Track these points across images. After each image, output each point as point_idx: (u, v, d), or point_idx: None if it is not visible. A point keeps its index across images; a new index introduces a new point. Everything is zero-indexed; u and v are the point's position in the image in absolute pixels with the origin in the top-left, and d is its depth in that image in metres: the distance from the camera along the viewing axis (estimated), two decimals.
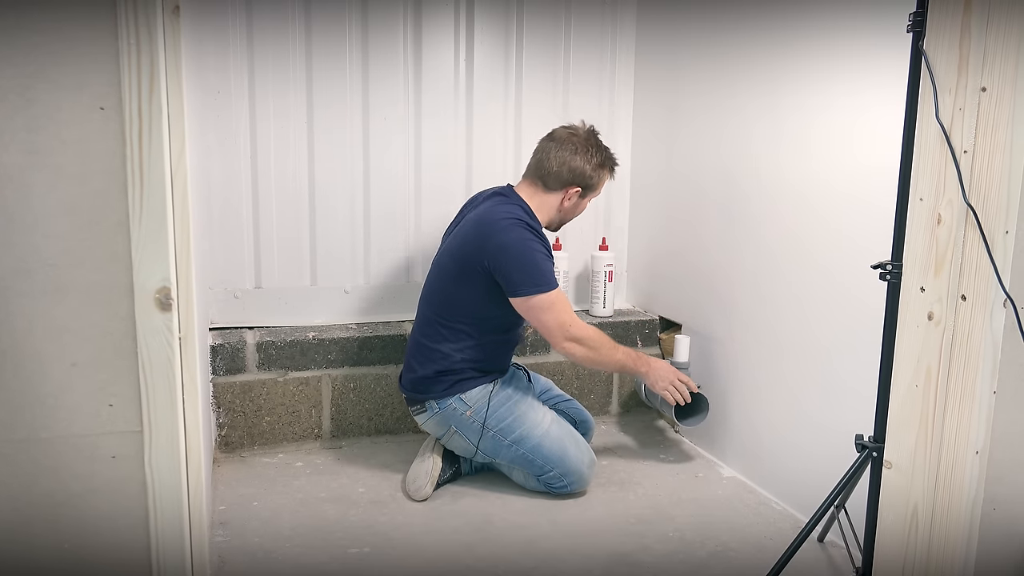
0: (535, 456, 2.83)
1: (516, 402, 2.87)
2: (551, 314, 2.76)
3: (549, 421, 2.89)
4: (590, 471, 2.90)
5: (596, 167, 2.90)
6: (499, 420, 2.83)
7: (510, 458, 2.87)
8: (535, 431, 2.84)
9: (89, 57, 1.31)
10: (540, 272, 2.75)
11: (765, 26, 2.82)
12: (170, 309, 1.38)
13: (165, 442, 1.42)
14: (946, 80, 1.76)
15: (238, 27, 3.17)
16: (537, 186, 2.92)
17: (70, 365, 1.37)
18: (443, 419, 2.87)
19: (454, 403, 2.84)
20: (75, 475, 1.40)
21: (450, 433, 2.89)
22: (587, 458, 2.90)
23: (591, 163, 2.89)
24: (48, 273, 1.34)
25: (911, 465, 1.89)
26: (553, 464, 2.83)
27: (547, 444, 2.83)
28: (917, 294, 1.85)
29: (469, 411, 2.84)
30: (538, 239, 2.80)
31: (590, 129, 2.95)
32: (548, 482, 2.86)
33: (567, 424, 2.97)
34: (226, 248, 3.28)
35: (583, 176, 2.88)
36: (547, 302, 2.75)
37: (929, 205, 1.81)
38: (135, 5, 1.30)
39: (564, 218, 2.98)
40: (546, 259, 2.79)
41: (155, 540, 1.43)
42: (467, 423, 2.85)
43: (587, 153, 2.88)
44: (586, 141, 2.90)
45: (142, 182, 1.34)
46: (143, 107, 1.32)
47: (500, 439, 2.84)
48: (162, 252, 1.36)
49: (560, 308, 2.77)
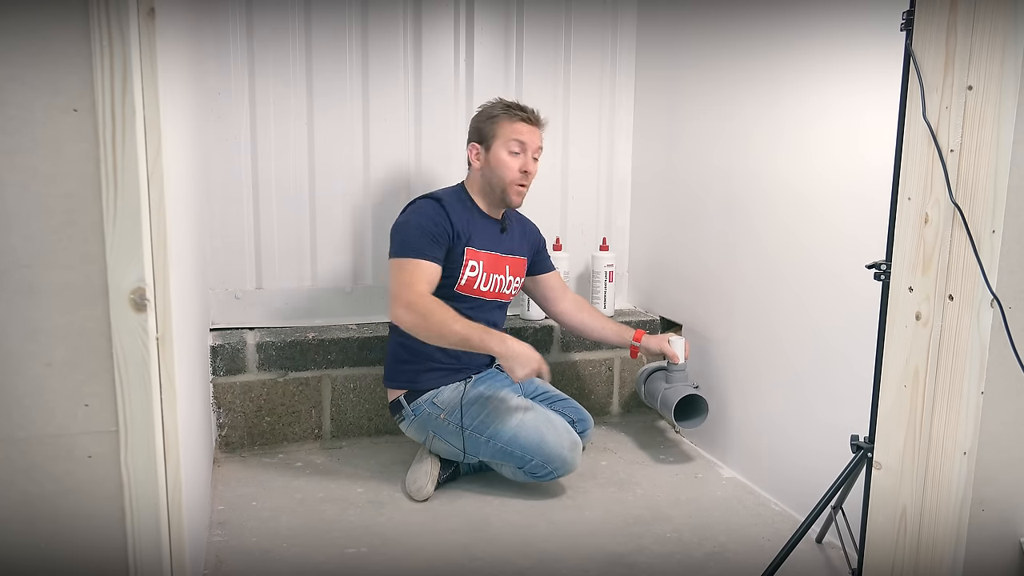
0: (513, 448, 2.81)
1: (488, 398, 2.87)
2: (393, 276, 2.77)
3: (523, 410, 2.86)
4: (572, 454, 2.84)
5: (485, 118, 2.91)
6: (472, 418, 2.83)
7: (491, 454, 2.86)
8: (509, 423, 2.82)
9: (62, 59, 1.31)
10: (403, 238, 2.78)
11: (765, 27, 2.81)
12: (145, 310, 1.38)
13: (141, 442, 1.42)
14: (933, 79, 1.74)
15: (238, 28, 3.18)
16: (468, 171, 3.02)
17: (45, 365, 1.38)
18: (421, 425, 2.89)
19: (427, 408, 2.86)
20: (51, 475, 1.41)
21: (431, 438, 2.90)
22: (567, 441, 2.83)
23: (480, 117, 2.94)
24: (23, 274, 1.35)
25: (900, 466, 1.87)
26: (532, 453, 2.81)
27: (523, 434, 2.81)
28: (905, 294, 1.84)
29: (443, 415, 2.84)
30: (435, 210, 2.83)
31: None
32: (532, 471, 2.84)
33: (544, 411, 2.91)
34: (227, 249, 3.29)
35: (475, 131, 2.94)
36: (395, 266, 2.77)
37: (917, 204, 1.80)
38: (107, 8, 1.30)
39: (490, 179, 2.91)
40: (421, 230, 2.78)
41: (132, 540, 1.44)
42: (444, 427, 2.85)
43: (478, 114, 2.96)
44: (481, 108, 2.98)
45: (116, 183, 1.34)
46: (116, 109, 1.32)
47: (477, 437, 2.83)
48: (136, 253, 1.36)
49: (406, 271, 2.74)
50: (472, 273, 2.87)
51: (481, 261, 2.89)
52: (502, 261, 2.97)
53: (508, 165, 2.87)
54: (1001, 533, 1.85)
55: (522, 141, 2.88)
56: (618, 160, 3.81)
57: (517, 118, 2.89)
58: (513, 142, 2.87)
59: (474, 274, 2.87)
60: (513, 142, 2.87)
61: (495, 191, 2.92)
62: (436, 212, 2.82)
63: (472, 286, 2.88)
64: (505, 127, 2.88)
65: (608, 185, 3.82)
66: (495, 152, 2.88)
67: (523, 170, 2.89)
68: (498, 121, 2.89)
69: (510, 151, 2.87)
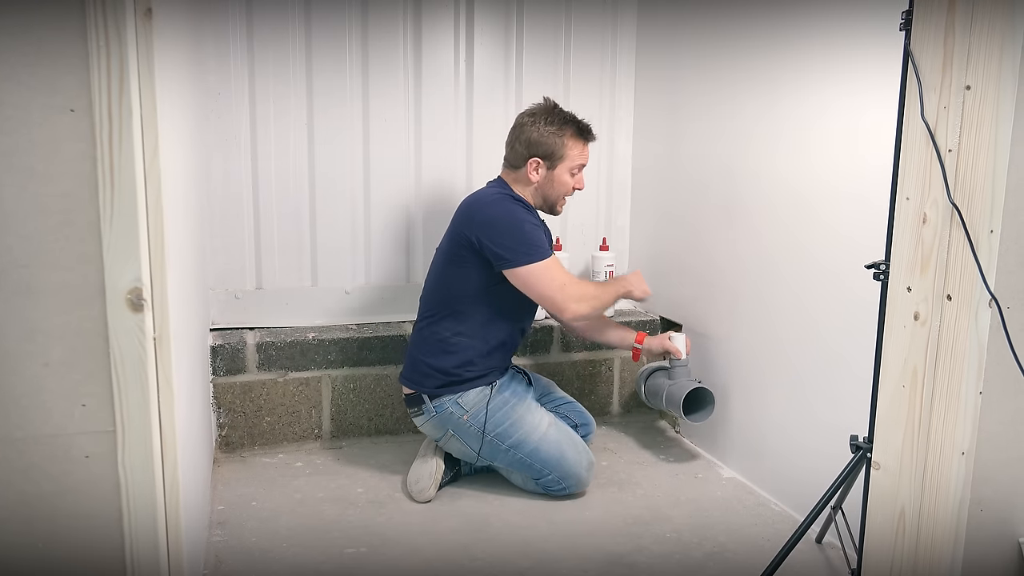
0: (533, 460, 2.82)
1: (513, 406, 2.86)
2: (546, 279, 2.73)
3: (547, 424, 2.87)
4: (588, 473, 2.89)
5: (551, 133, 2.82)
6: (496, 424, 2.82)
7: (508, 462, 2.87)
8: (532, 435, 2.83)
9: (59, 60, 1.31)
10: (529, 241, 2.72)
11: (765, 26, 2.81)
12: (142, 310, 1.38)
13: (138, 442, 1.42)
14: (931, 78, 1.74)
15: (238, 28, 3.18)
16: (509, 169, 2.92)
17: (42, 365, 1.38)
18: (440, 422, 2.87)
19: (450, 407, 2.83)
20: (48, 475, 1.41)
21: (447, 437, 2.89)
22: (585, 460, 2.88)
23: (545, 131, 2.82)
24: (20, 274, 1.35)
25: (898, 466, 1.87)
26: (551, 468, 2.82)
27: (544, 448, 2.82)
28: (904, 294, 1.83)
29: (466, 415, 2.83)
30: (526, 210, 2.79)
31: (546, 102, 2.91)
32: (546, 485, 2.86)
33: (565, 427, 2.95)
34: (227, 249, 3.29)
35: (540, 145, 2.83)
36: (541, 269, 2.72)
37: (915, 204, 1.80)
38: (104, 8, 1.30)
39: (546, 194, 2.89)
40: (536, 228, 2.77)
41: (129, 540, 1.44)
42: (464, 428, 2.84)
43: (540, 123, 2.83)
44: (538, 113, 2.86)
45: (112, 183, 1.34)
46: (112, 109, 1.32)
47: (497, 444, 2.83)
48: (133, 253, 1.36)
49: (555, 272, 2.74)
50: None
51: None
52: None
53: (568, 185, 2.89)
54: (1000, 533, 1.85)
55: (584, 164, 2.90)
56: (618, 160, 3.80)
57: (583, 139, 2.88)
58: (577, 166, 2.88)
59: None
60: (577, 166, 2.88)
61: (546, 202, 2.92)
62: (529, 212, 2.81)
63: None
64: (574, 150, 2.86)
65: (608, 185, 3.81)
66: (559, 173, 2.86)
67: (577, 188, 2.92)
68: (566, 141, 2.84)
69: (572, 173, 2.88)
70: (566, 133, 2.83)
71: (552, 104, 2.89)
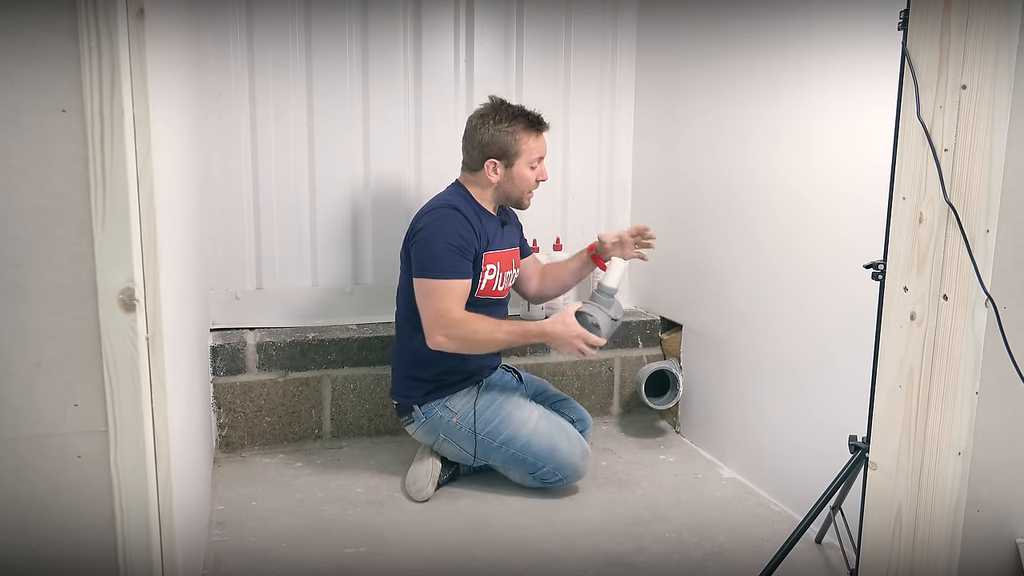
0: (526, 455, 2.82)
1: (501, 403, 2.86)
2: (431, 298, 2.68)
3: (536, 418, 2.87)
4: (584, 462, 2.89)
5: (503, 131, 2.76)
6: (486, 423, 2.83)
7: (502, 459, 2.87)
8: (523, 430, 2.83)
9: (51, 60, 1.32)
10: (435, 255, 2.68)
11: (764, 28, 2.81)
12: (134, 310, 1.38)
13: (131, 442, 1.42)
14: (927, 78, 1.73)
15: (238, 28, 3.19)
16: (467, 172, 2.88)
17: (35, 365, 1.38)
18: (431, 428, 2.88)
19: (439, 411, 2.85)
20: (41, 475, 1.41)
21: (440, 441, 2.89)
22: (579, 449, 2.88)
23: (495, 130, 2.77)
24: (12, 273, 1.35)
25: (895, 466, 1.87)
26: (544, 460, 2.83)
27: (536, 441, 2.82)
28: (900, 294, 1.83)
29: (455, 418, 2.84)
30: (461, 223, 2.72)
31: (492, 100, 2.85)
32: (543, 478, 2.86)
33: (556, 418, 2.94)
34: (227, 250, 3.30)
35: (493, 145, 2.79)
36: (432, 286, 2.68)
37: (911, 204, 1.79)
38: (95, 9, 1.30)
39: (509, 192, 2.85)
40: (450, 248, 2.69)
41: (122, 540, 1.44)
42: (455, 430, 2.85)
43: (489, 123, 2.78)
44: (487, 114, 2.81)
45: (104, 184, 1.34)
46: (104, 109, 1.32)
47: (489, 442, 2.83)
48: (125, 253, 1.36)
49: (445, 295, 2.67)
50: (491, 276, 2.85)
51: (498, 262, 2.87)
52: (508, 256, 2.96)
53: (529, 179, 2.84)
54: (996, 533, 1.85)
55: (542, 156, 2.86)
56: (618, 160, 3.80)
57: (535, 131, 2.82)
58: (536, 159, 2.83)
59: (492, 277, 2.85)
60: (536, 159, 2.83)
61: (510, 199, 2.89)
62: (461, 224, 2.72)
63: (491, 288, 2.87)
64: (529, 144, 2.80)
65: (608, 185, 3.81)
66: (519, 169, 2.82)
67: (540, 179, 2.88)
68: (519, 136, 2.79)
69: (532, 166, 2.84)
70: (517, 128, 2.78)
71: (499, 101, 2.84)
